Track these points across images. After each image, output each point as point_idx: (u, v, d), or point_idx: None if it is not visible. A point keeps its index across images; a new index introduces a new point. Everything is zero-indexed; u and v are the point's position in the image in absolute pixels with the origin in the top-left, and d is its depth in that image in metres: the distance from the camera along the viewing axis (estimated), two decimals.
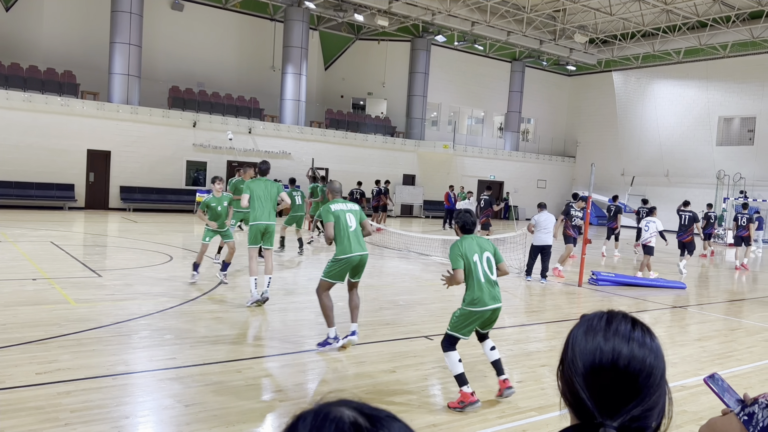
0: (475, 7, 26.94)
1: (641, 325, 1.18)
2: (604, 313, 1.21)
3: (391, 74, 32.21)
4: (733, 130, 31.33)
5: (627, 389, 1.11)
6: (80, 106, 22.25)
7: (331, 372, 5.75)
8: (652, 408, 1.12)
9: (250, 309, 8.01)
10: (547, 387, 5.57)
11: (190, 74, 26.96)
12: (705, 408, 5.17)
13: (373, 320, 7.90)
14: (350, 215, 6.38)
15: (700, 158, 30.90)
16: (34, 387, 4.77)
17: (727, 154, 30.25)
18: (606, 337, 1.15)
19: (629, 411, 1.10)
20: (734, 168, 29.66)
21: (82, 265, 10.66)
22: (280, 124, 27.04)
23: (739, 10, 25.10)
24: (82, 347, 5.89)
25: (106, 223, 18.87)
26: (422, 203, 30.96)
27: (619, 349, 1.13)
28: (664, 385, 1.14)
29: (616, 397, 1.11)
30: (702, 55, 30.33)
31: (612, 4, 25.81)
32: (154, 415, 4.49)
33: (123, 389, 4.93)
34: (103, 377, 5.10)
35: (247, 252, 8.96)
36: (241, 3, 27.77)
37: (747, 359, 7.15)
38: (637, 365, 1.12)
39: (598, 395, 1.12)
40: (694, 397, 5.47)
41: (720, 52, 29.75)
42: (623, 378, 1.11)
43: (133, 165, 23.10)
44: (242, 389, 5.07)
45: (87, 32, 24.53)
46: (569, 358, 1.17)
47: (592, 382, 1.12)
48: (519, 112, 35.61)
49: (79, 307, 7.51)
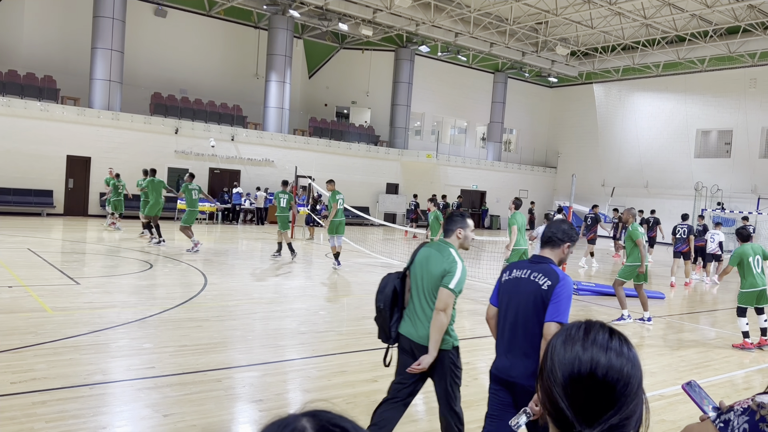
0: (458, 18, 27.17)
1: (618, 334, 1.19)
2: (582, 323, 1.22)
3: (374, 83, 32.32)
4: (710, 142, 31.89)
5: (605, 398, 1.12)
6: (60, 111, 21.99)
7: (313, 381, 5.72)
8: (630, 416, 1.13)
9: (231, 317, 7.95)
10: None
11: (172, 81, 26.80)
12: (683, 417, 5.23)
13: (355, 329, 7.88)
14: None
15: (678, 170, 31.38)
16: (8, 397, 4.67)
17: (704, 166, 30.76)
18: (584, 346, 1.16)
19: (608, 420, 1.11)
20: (712, 180, 30.16)
21: (60, 272, 10.50)
22: (263, 131, 26.97)
23: (717, 25, 25.62)
24: (59, 356, 5.79)
25: (85, 229, 18.62)
26: (405, 212, 31.01)
27: (597, 359, 1.14)
28: (641, 393, 1.16)
29: (594, 407, 1.12)
30: (680, 69, 30.89)
31: (593, 18, 26.20)
32: (132, 426, 4.42)
33: (100, 399, 4.85)
34: (80, 387, 5.02)
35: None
36: (226, 11, 27.71)
37: (724, 369, 7.24)
38: (615, 374, 1.13)
39: (578, 405, 1.13)
40: (673, 406, 5.52)
41: (698, 66, 30.32)
42: (602, 387, 1.12)
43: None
44: (222, 399, 5.02)
45: (68, 37, 24.29)
46: (548, 367, 1.18)
47: (571, 392, 1.13)
48: (501, 123, 35.92)
49: (55, 315, 7.38)
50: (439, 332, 3.58)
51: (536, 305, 3.19)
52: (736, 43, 27.10)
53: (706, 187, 30.28)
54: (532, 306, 3.21)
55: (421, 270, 3.77)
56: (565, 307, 3.14)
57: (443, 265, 3.67)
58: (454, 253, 3.74)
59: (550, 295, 3.16)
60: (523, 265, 3.38)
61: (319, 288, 10.96)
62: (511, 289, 3.33)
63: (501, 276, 3.46)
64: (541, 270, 3.27)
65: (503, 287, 3.39)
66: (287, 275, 12.56)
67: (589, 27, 26.64)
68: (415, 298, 3.80)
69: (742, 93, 29.15)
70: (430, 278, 3.72)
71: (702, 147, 31.69)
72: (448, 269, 3.65)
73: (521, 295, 3.27)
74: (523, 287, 3.27)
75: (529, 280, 3.27)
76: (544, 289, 3.19)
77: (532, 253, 3.99)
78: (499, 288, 3.43)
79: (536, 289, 3.21)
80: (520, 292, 3.27)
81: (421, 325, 3.73)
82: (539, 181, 37.19)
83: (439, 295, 3.62)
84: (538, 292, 3.20)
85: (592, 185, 34.37)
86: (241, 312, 8.45)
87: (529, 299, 3.23)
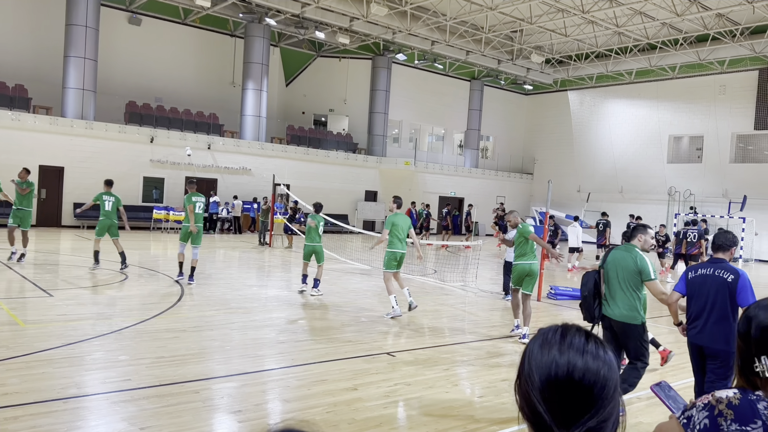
0: (434, 26, 27.38)
1: (594, 338, 1.21)
2: (558, 326, 1.23)
3: (352, 91, 32.37)
4: (682, 148, 32.51)
5: (582, 401, 1.13)
6: (32, 120, 21.61)
7: (292, 391, 5.68)
8: (606, 419, 1.14)
9: (209, 327, 7.86)
10: (507, 401, 5.62)
11: (147, 89, 26.53)
12: (661, 419, 5.29)
13: (335, 337, 7.84)
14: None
15: (652, 175, 31.91)
16: None
17: (677, 171, 31.34)
18: (561, 350, 1.17)
19: (585, 423, 1.12)
20: (684, 184, 30.73)
21: (32, 284, 10.29)
22: (240, 140, 26.81)
23: (687, 33, 26.18)
24: (31, 370, 5.66)
25: (59, 240, 18.29)
26: (384, 219, 31.00)
27: (574, 362, 1.15)
28: (617, 396, 1.17)
29: (572, 410, 1.13)
30: (652, 76, 31.48)
31: (567, 26, 26.59)
32: None
33: (74, 413, 4.75)
34: (53, 401, 4.91)
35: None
36: (201, 19, 27.55)
37: None
38: (591, 377, 1.14)
39: (555, 408, 1.14)
40: (650, 408, 5.59)
41: (669, 73, 30.94)
42: (578, 390, 1.13)
43: (88, 181, 22.44)
44: (200, 410, 4.96)
45: (39, 45, 23.91)
46: (526, 371, 1.19)
47: (549, 395, 1.14)
48: (478, 130, 36.23)
49: (28, 329, 7.23)
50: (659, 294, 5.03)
51: (723, 293, 4.47)
52: (706, 50, 27.71)
53: (679, 192, 30.83)
54: (720, 293, 4.48)
55: (615, 267, 5.25)
56: (751, 292, 4.39)
57: (636, 262, 5.15)
58: (641, 253, 5.23)
59: (736, 285, 4.43)
60: (705, 265, 4.65)
61: (298, 296, 10.89)
62: (700, 282, 4.59)
63: (687, 274, 4.72)
64: (722, 268, 4.54)
65: (690, 281, 4.66)
66: (265, 285, 12.47)
67: (563, 35, 27.03)
68: (613, 287, 5.24)
69: (712, 99, 29.80)
70: (624, 271, 5.18)
71: (674, 152, 32.29)
72: (642, 267, 5.14)
73: (710, 286, 4.52)
74: (711, 281, 4.53)
75: (715, 275, 4.53)
76: (729, 281, 4.47)
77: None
78: (686, 282, 4.68)
79: (723, 282, 4.48)
80: (709, 285, 4.53)
81: (616, 306, 5.22)
82: (516, 188, 37.53)
83: (651, 289, 5.16)
84: (724, 283, 4.47)
85: (568, 191, 34.78)
86: (218, 322, 8.36)
87: (718, 289, 4.49)
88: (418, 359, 7.00)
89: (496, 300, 11.76)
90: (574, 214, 19.85)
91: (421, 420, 5.08)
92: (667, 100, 31.51)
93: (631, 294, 5.17)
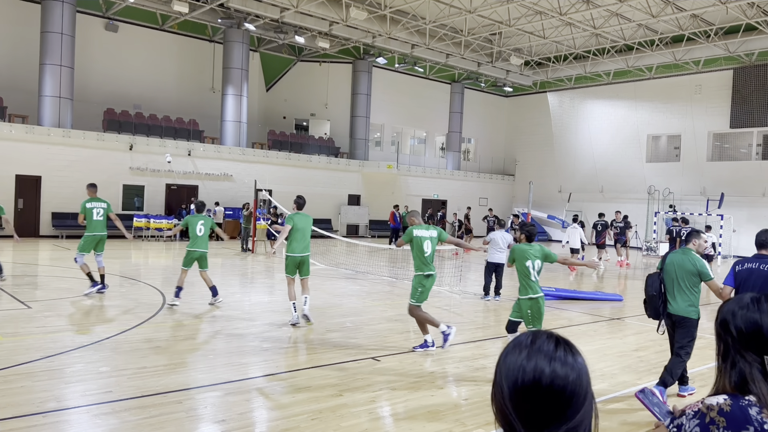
0: (414, 30, 27.45)
1: (565, 343, 1.19)
2: (531, 332, 1.22)
3: (333, 95, 32.33)
4: (660, 147, 32.93)
5: (551, 408, 1.12)
6: (8, 129, 21.27)
7: (277, 398, 5.63)
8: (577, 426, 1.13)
9: (191, 336, 7.77)
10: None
11: (126, 96, 26.25)
12: (643, 418, 5.33)
13: (320, 343, 7.80)
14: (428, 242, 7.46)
15: (631, 174, 32.26)
16: None
17: (656, 170, 31.72)
18: (529, 356, 1.16)
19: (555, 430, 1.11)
20: (663, 183, 31.11)
21: (10, 296, 10.10)
22: (220, 145, 26.63)
23: (662, 34, 26.55)
24: (9, 384, 5.55)
25: (37, 251, 18.00)
26: (368, 223, 31.01)
27: (542, 368, 1.14)
28: (589, 402, 1.16)
29: (541, 416, 1.12)
30: (630, 77, 31.86)
31: (545, 28, 26.82)
32: None
33: (54, 427, 4.66)
34: (32, 415, 4.82)
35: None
36: (179, 24, 27.34)
37: None
38: (560, 383, 1.12)
39: (524, 414, 1.13)
40: (633, 409, 5.63)
41: (646, 73, 31.34)
42: (547, 396, 1.12)
43: (66, 190, 22.15)
44: (183, 421, 4.89)
45: (14, 53, 23.54)
46: (497, 379, 1.18)
47: (517, 401, 1.13)
48: (460, 133, 36.37)
49: (5, 342, 7.09)
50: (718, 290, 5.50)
51: (767, 284, 5.02)
52: (681, 51, 28.12)
53: (658, 191, 31.21)
54: (765, 285, 5.00)
55: (673, 268, 5.86)
56: None
57: (695, 265, 5.74)
58: (697, 256, 5.83)
59: None
60: (752, 260, 5.24)
61: (281, 303, 10.82)
62: (747, 275, 5.18)
63: (734, 267, 5.33)
64: (766, 262, 5.13)
65: (738, 274, 5.25)
66: (248, 292, 12.38)
67: (541, 37, 27.25)
68: (674, 286, 5.84)
69: (688, 99, 30.22)
70: (683, 272, 5.78)
71: (653, 152, 32.69)
72: (701, 269, 5.73)
73: (757, 278, 5.09)
74: (757, 274, 5.13)
75: (759, 269, 5.14)
76: None
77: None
78: (734, 275, 5.28)
79: (766, 275, 5.06)
80: (755, 277, 5.11)
81: (676, 303, 5.83)
82: (498, 189, 37.73)
83: (711, 287, 5.63)
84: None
85: (549, 191, 35.04)
86: (201, 330, 8.28)
87: (764, 281, 5.04)
88: (403, 363, 6.99)
89: (481, 302, 11.79)
90: (574, 215, 20.42)
91: (407, 425, 5.07)
92: (644, 100, 31.90)
93: (690, 292, 5.79)
